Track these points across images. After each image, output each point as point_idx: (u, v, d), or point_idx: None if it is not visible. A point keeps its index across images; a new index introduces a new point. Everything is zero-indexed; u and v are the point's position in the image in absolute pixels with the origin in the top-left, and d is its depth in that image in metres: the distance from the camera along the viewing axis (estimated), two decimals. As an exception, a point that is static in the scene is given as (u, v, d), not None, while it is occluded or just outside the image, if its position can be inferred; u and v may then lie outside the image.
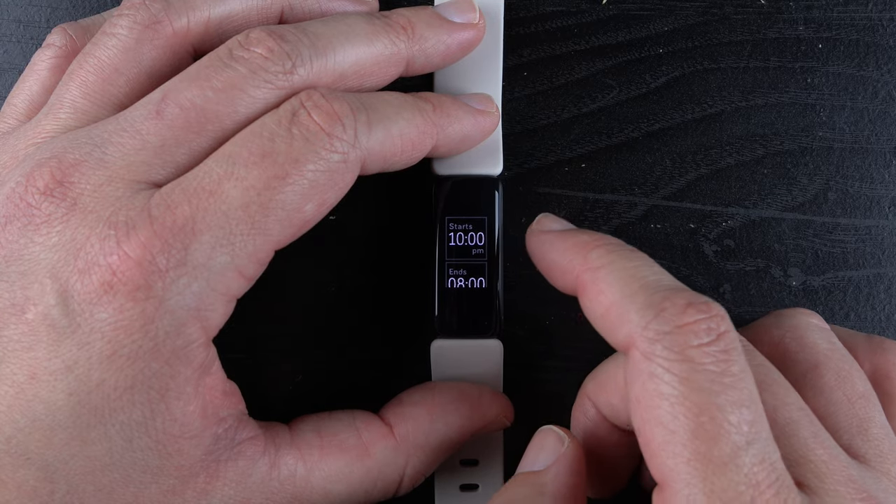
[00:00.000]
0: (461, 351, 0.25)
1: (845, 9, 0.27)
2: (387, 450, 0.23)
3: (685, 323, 0.18)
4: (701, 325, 0.18)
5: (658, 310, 0.18)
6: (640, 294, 0.19)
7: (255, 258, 0.20)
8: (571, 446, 0.21)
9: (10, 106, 0.24)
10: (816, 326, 0.23)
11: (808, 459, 0.19)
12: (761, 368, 0.21)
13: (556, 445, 0.21)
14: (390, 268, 0.27)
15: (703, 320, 0.18)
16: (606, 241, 0.21)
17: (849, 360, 0.22)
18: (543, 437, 0.21)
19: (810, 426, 0.19)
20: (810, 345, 0.22)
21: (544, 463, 0.21)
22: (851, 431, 0.20)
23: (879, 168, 0.27)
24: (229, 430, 0.21)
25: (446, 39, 0.23)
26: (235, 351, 0.26)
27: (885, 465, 0.20)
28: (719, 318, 0.18)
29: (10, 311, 0.19)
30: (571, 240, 0.21)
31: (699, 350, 0.18)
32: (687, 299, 0.18)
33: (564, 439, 0.21)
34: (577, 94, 0.27)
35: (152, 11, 0.22)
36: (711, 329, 0.18)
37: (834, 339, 0.23)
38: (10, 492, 0.19)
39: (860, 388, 0.21)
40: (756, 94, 0.27)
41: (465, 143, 0.24)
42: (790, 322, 0.23)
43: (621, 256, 0.20)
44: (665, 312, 0.18)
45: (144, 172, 0.20)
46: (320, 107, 0.20)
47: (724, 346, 0.18)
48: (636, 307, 0.18)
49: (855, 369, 0.22)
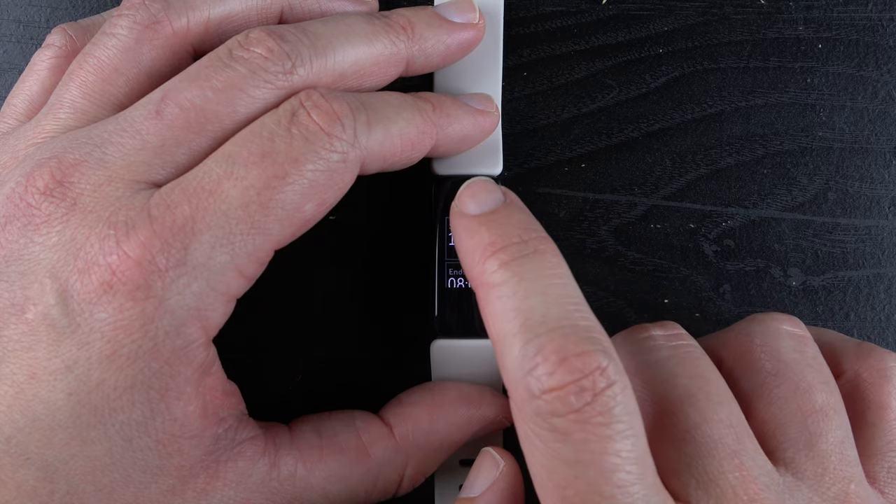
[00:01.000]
0: (461, 351, 0.25)
1: (845, 9, 0.27)
2: (387, 450, 0.23)
3: (552, 388, 0.17)
4: (571, 388, 0.17)
5: (530, 366, 0.17)
6: (518, 338, 0.18)
7: (254, 258, 0.20)
8: (506, 470, 0.20)
9: (9, 106, 0.24)
10: (787, 333, 0.22)
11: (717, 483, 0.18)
12: (696, 381, 0.20)
13: (491, 470, 0.21)
14: (390, 268, 0.27)
15: (575, 382, 0.17)
16: (505, 245, 0.19)
17: (814, 371, 0.21)
18: (481, 461, 0.21)
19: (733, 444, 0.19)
20: (774, 351, 0.21)
21: (480, 488, 0.21)
22: (798, 446, 0.20)
23: (879, 168, 0.27)
24: (229, 431, 0.21)
25: (446, 39, 0.23)
26: (235, 351, 0.26)
27: (823, 484, 0.19)
28: (597, 374, 0.17)
29: (10, 310, 0.19)
30: (476, 237, 0.20)
31: (566, 419, 0.17)
32: (562, 353, 0.17)
33: (500, 463, 0.21)
34: (577, 94, 0.27)
35: (152, 11, 0.22)
36: (585, 391, 0.17)
37: (804, 348, 0.22)
38: (10, 492, 0.19)
39: (819, 402, 0.20)
40: (756, 94, 0.27)
41: (465, 143, 0.24)
42: (760, 328, 0.22)
43: (514, 274, 0.19)
44: (535, 371, 0.17)
45: (144, 172, 0.20)
46: (320, 106, 0.20)
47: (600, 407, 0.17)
48: (512, 356, 0.18)
49: (819, 381, 0.21)
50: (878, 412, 0.22)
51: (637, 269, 0.27)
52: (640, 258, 0.27)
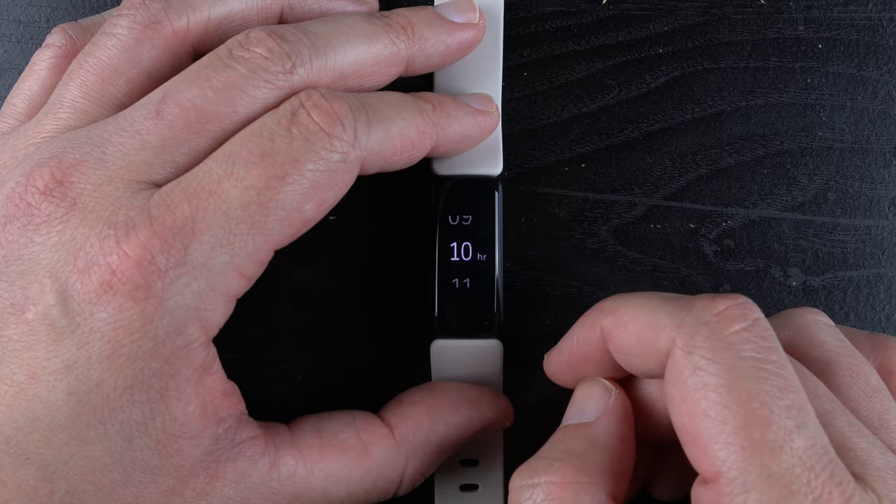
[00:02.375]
0: (461, 351, 0.25)
1: (845, 9, 0.27)
2: (387, 450, 0.23)
3: (720, 311, 0.18)
4: (735, 311, 0.18)
5: (689, 307, 0.18)
6: (666, 305, 0.19)
7: (254, 258, 0.20)
8: (619, 397, 0.21)
9: (9, 106, 0.24)
10: (824, 324, 0.23)
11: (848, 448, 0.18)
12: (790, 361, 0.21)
13: (603, 396, 0.21)
14: (390, 268, 0.27)
15: (736, 307, 0.18)
16: None
17: (859, 357, 0.22)
18: (590, 387, 0.21)
19: (844, 416, 0.19)
20: (820, 343, 0.22)
21: (593, 414, 0.20)
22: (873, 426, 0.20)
23: (879, 168, 0.27)
24: (229, 431, 0.21)
25: (446, 39, 0.23)
26: (235, 351, 0.26)
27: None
28: (750, 304, 0.18)
29: (10, 310, 0.19)
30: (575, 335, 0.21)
31: (739, 336, 0.18)
32: (712, 295, 0.18)
33: (612, 390, 0.21)
34: (577, 94, 0.27)
35: (152, 11, 0.22)
36: (746, 314, 0.18)
37: (842, 337, 0.22)
38: (10, 492, 0.19)
39: (874, 383, 0.21)
40: (756, 94, 0.27)
41: (465, 143, 0.24)
42: (798, 321, 0.23)
43: (631, 295, 0.20)
44: (696, 307, 0.18)
45: (144, 172, 0.20)
46: (320, 106, 0.20)
47: (761, 331, 0.18)
48: (666, 314, 0.18)
49: (865, 365, 0.22)
50: None
51: (637, 269, 0.27)
52: (640, 258, 0.27)
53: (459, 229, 0.24)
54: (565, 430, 0.20)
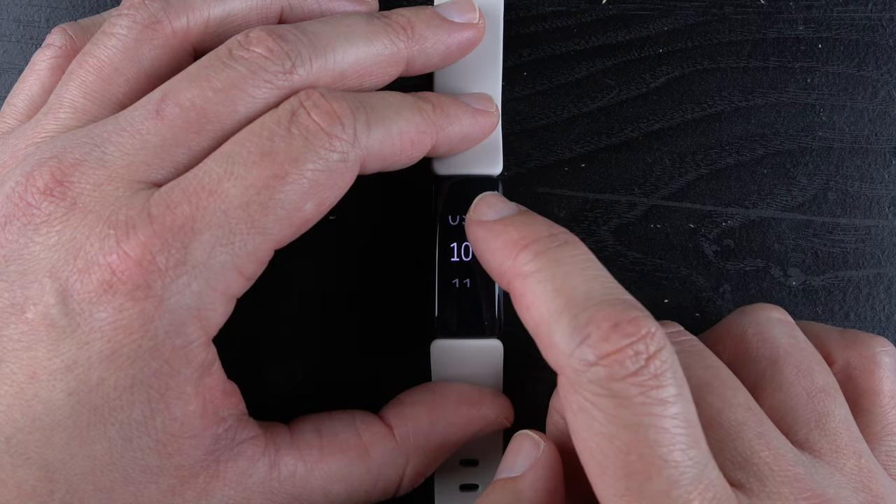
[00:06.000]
0: (461, 351, 0.25)
1: (845, 9, 0.27)
2: (387, 450, 0.23)
3: (609, 353, 0.17)
4: (627, 352, 0.17)
5: (582, 336, 0.18)
6: (565, 314, 0.18)
7: (254, 257, 0.20)
8: (547, 450, 0.21)
9: (9, 106, 0.24)
10: (777, 320, 0.23)
11: (752, 462, 0.19)
12: (709, 371, 0.20)
13: (531, 450, 0.21)
14: (390, 268, 0.27)
15: (630, 345, 0.17)
16: (536, 238, 0.20)
17: (809, 354, 0.22)
18: (520, 442, 0.21)
19: (756, 426, 0.19)
20: (770, 339, 0.22)
21: (521, 468, 0.21)
22: (809, 426, 0.20)
23: (879, 168, 0.27)
24: (229, 430, 0.21)
25: (446, 39, 0.23)
26: (235, 351, 0.26)
27: (840, 459, 0.20)
28: (648, 339, 0.17)
29: (10, 310, 0.19)
30: (502, 237, 0.20)
31: (624, 382, 0.17)
32: (613, 319, 0.17)
33: (540, 444, 0.21)
34: (577, 94, 0.27)
35: (152, 11, 0.22)
36: (639, 353, 0.17)
37: (796, 333, 0.22)
38: (10, 491, 0.19)
39: (820, 382, 0.21)
40: (756, 94, 0.27)
41: (465, 143, 0.24)
42: (751, 318, 0.23)
43: (551, 261, 0.19)
44: (589, 339, 0.17)
45: (144, 172, 0.20)
46: (320, 106, 0.20)
47: (654, 370, 0.17)
48: (561, 331, 0.18)
49: (816, 363, 0.22)
50: (872, 398, 0.22)
51: (637, 269, 0.27)
52: (640, 258, 0.27)
53: (459, 229, 0.24)
54: (494, 486, 0.21)
